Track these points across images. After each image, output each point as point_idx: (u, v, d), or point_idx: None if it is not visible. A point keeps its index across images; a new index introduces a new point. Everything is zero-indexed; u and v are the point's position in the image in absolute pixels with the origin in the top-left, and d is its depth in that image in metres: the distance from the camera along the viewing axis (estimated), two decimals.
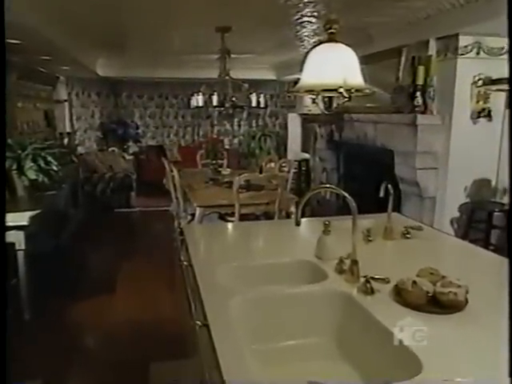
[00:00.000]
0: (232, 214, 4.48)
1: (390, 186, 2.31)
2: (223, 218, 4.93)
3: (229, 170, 6.45)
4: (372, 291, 1.65)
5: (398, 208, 4.20)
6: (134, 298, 4.21)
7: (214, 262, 2.07)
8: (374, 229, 2.37)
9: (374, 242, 2.31)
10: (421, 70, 4.29)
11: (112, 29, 5.42)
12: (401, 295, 1.58)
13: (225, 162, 6.92)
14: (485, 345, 1.34)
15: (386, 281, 1.64)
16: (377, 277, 1.67)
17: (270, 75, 9.52)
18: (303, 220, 1.90)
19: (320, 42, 2.15)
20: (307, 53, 2.14)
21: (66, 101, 9.21)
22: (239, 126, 11.26)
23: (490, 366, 1.25)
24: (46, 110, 7.97)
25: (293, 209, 4.71)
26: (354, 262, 1.77)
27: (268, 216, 4.70)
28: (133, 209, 8.04)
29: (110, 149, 9.56)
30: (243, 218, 4.36)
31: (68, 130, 9.18)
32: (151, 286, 4.50)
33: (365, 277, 1.68)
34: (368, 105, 5.11)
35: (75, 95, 9.66)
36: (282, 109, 11.02)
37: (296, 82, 7.85)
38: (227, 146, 10.83)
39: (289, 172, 5.79)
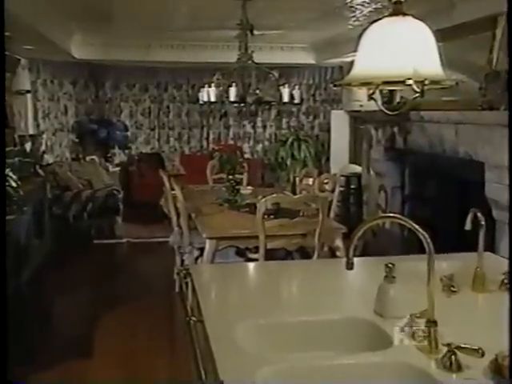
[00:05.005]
0: (255, 250, 4.47)
1: (479, 214, 2.28)
2: (243, 254, 4.93)
3: (250, 188, 6.47)
4: (459, 367, 1.61)
5: (491, 245, 4.13)
6: (118, 366, 4.21)
7: (233, 317, 2.07)
8: (459, 275, 2.33)
9: (459, 294, 2.28)
10: None
11: None
12: (502, 374, 1.54)
13: (245, 176, 6.95)
14: None
15: (478, 352, 1.61)
16: (465, 346, 1.63)
17: (308, 58, 9.58)
18: (355, 260, 1.88)
19: (379, 17, 2.15)
20: (363, 31, 2.14)
21: (28, 92, 9.39)
22: (264, 127, 11.32)
23: None
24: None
25: (339, 243, 4.69)
26: (432, 324, 1.74)
27: (304, 253, 4.67)
28: (118, 240, 8.11)
29: (89, 157, 9.68)
30: (270, 254, 4.35)
31: (31, 131, 9.34)
32: (143, 348, 4.49)
33: (448, 345, 1.64)
34: (445, 98, 5.08)
35: (42, 84, 9.86)
36: (322, 104, 11.06)
37: (342, 67, 7.84)
38: (248, 155, 10.89)
39: (333, 192, 5.77)
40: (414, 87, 1.98)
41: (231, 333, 1.90)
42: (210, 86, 5.77)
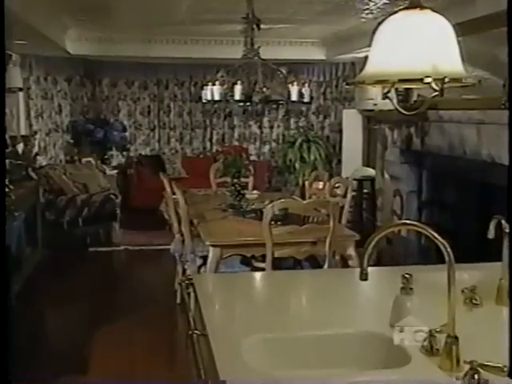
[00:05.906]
0: (262, 258, 4.47)
1: (503, 221, 2.26)
2: (249, 263, 4.92)
3: (256, 192, 6.46)
4: None
5: None
6: (116, 381, 4.20)
7: (239, 330, 2.07)
8: (482, 287, 2.31)
9: (481, 307, 2.26)
10: None
11: None
12: None
13: (250, 180, 6.94)
14: None
15: (504, 371, 1.60)
16: (489, 364, 1.62)
17: (318, 54, 9.59)
18: (370, 270, 1.87)
19: (395, 10, 2.15)
20: (378, 25, 2.14)
21: (20, 90, 9.41)
22: (272, 128, 11.33)
23: None
24: None
25: (351, 251, 4.67)
26: (452, 339, 1.73)
27: (315, 262, 4.67)
28: (116, 247, 8.11)
29: (85, 160, 9.70)
30: (278, 263, 4.34)
31: (24, 132, 9.36)
32: (142, 363, 4.49)
33: (470, 363, 1.63)
34: (466, 96, 5.07)
35: (35, 82, 9.87)
36: (334, 103, 11.06)
37: (354, 63, 7.84)
38: (254, 158, 10.90)
39: (345, 196, 5.77)
40: (433, 85, 1.97)
41: (237, 348, 1.89)
42: (213, 84, 5.77)
